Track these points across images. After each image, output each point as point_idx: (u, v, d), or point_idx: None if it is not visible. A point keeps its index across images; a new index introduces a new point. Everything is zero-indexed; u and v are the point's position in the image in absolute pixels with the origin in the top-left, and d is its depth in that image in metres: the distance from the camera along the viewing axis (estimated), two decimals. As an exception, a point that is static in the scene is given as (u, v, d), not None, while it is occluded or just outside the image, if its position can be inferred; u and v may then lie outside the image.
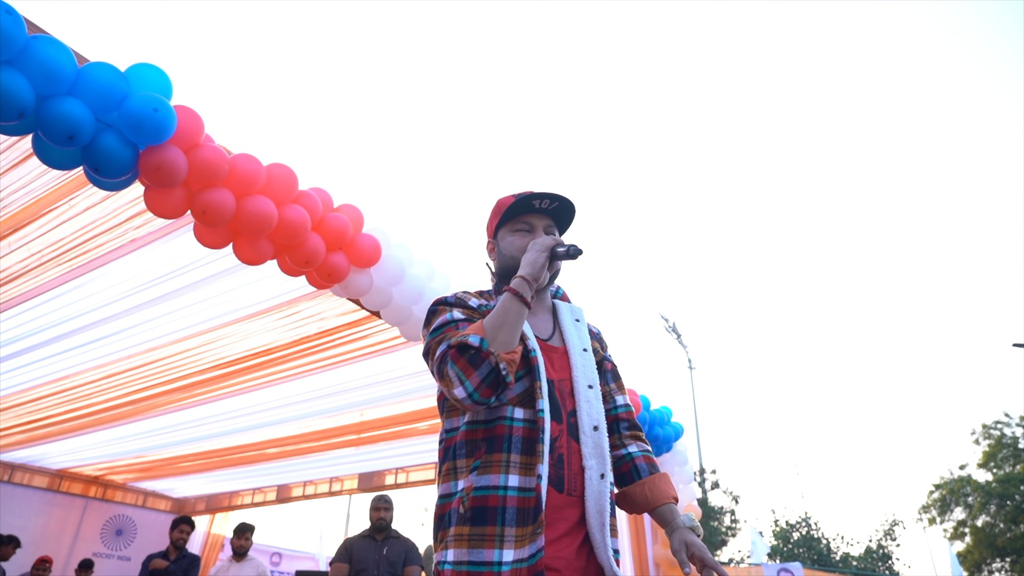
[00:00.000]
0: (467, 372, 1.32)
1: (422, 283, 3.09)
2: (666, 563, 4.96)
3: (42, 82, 1.78)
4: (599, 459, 1.40)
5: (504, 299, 1.40)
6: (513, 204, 1.60)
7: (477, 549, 1.26)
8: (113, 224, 3.03)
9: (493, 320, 1.37)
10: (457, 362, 1.33)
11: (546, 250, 1.48)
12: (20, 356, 4.39)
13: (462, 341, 1.34)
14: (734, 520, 23.25)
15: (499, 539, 1.26)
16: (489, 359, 1.32)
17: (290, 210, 2.45)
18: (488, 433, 1.38)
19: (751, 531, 15.73)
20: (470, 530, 1.28)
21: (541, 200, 1.60)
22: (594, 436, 1.42)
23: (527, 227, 1.62)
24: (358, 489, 7.09)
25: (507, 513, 1.28)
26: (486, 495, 1.30)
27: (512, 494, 1.30)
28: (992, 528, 22.20)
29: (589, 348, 1.58)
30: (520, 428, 1.37)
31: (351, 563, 4.28)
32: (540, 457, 1.32)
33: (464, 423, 1.42)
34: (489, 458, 1.34)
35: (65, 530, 7.10)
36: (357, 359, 4.31)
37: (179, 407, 5.23)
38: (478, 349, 1.32)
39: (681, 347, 24.69)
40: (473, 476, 1.34)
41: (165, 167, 2.05)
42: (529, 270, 1.44)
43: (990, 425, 23.92)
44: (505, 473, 1.32)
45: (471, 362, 1.32)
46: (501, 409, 1.38)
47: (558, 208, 1.63)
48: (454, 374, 1.33)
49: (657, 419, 5.01)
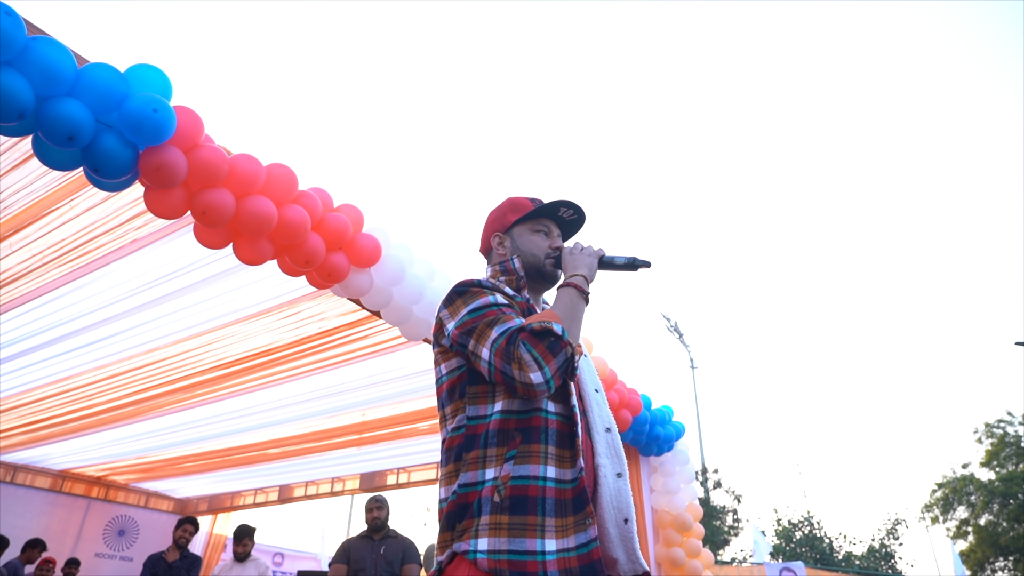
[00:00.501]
0: (546, 357, 1.32)
1: (422, 283, 3.09)
2: (668, 562, 4.96)
3: (42, 83, 1.79)
4: (614, 459, 1.43)
5: (572, 295, 1.47)
6: (543, 206, 1.69)
7: (519, 538, 1.24)
8: (114, 225, 3.04)
9: (565, 313, 1.43)
10: (536, 346, 1.32)
11: (596, 257, 1.57)
12: (22, 357, 4.39)
13: (544, 326, 1.35)
14: (736, 519, 23.22)
15: (540, 528, 1.25)
16: (567, 348, 1.35)
17: (290, 210, 2.45)
18: (523, 424, 1.36)
19: (753, 530, 15.73)
20: (510, 519, 1.26)
21: (567, 209, 1.70)
22: (607, 437, 1.46)
23: (546, 230, 1.69)
24: (360, 489, 7.09)
25: (547, 504, 1.28)
26: (526, 484, 1.29)
27: (551, 485, 1.30)
28: (995, 527, 22.14)
29: (588, 354, 1.63)
30: (555, 421, 1.38)
31: (349, 563, 4.30)
32: (579, 451, 1.36)
33: (497, 411, 1.38)
34: (527, 448, 1.33)
35: (68, 531, 7.11)
36: (358, 359, 4.31)
37: (181, 407, 5.24)
38: (559, 337, 1.34)
39: (683, 346, 24.71)
40: (509, 465, 1.31)
41: (165, 167, 2.06)
42: (588, 272, 1.52)
43: (993, 424, 23.86)
44: (544, 464, 1.32)
45: (550, 348, 1.33)
46: (537, 401, 1.38)
47: (574, 221, 1.74)
48: (531, 358, 1.31)
49: (658, 418, 5.01)
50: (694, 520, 5.13)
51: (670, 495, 5.16)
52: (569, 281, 1.50)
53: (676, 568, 4.94)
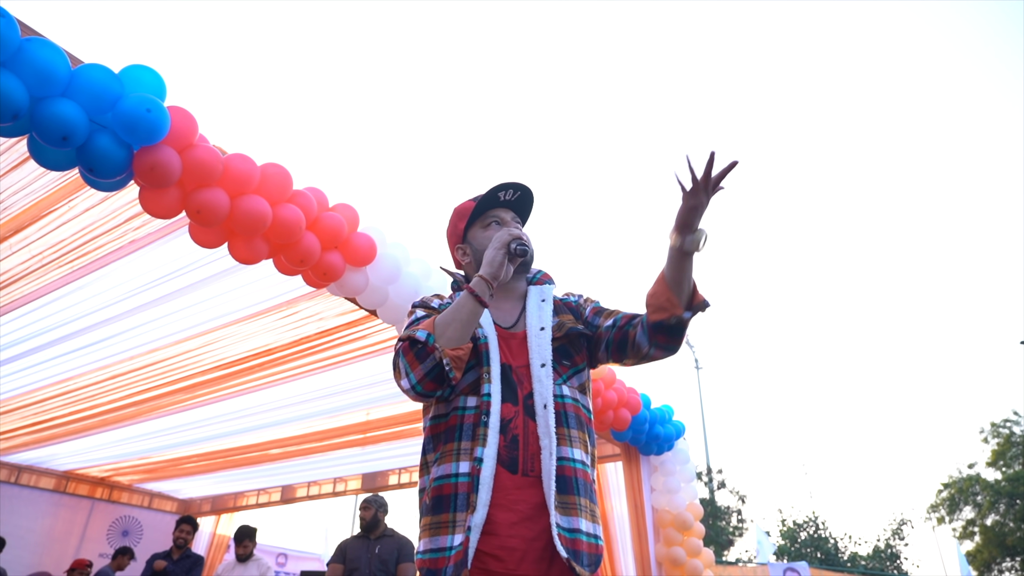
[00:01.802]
0: (413, 365, 1.37)
1: (418, 281, 3.10)
2: (668, 561, 4.95)
3: (36, 84, 1.80)
4: (549, 439, 1.38)
5: (461, 297, 1.42)
6: (481, 200, 1.64)
7: (435, 536, 1.33)
8: (112, 225, 3.06)
9: (445, 316, 1.41)
10: (406, 355, 1.38)
11: (504, 246, 1.47)
12: (24, 358, 4.42)
13: (410, 335, 1.39)
14: (740, 520, 23.17)
15: (451, 525, 1.32)
16: (434, 354, 1.36)
17: (285, 209, 2.47)
18: (446, 425, 1.43)
19: (757, 531, 15.69)
20: (431, 519, 1.36)
21: (506, 192, 1.64)
22: (544, 415, 1.40)
23: (496, 220, 1.66)
24: (362, 489, 7.11)
25: (459, 500, 1.33)
26: (442, 484, 1.36)
27: (463, 480, 1.34)
28: (1001, 527, 22.01)
29: (548, 326, 1.54)
30: (470, 415, 1.41)
31: (345, 563, 4.33)
32: (480, 440, 1.36)
33: (429, 420, 1.48)
34: (445, 448, 1.40)
35: (72, 531, 7.15)
36: (357, 359, 4.32)
37: (182, 408, 5.26)
38: (424, 343, 1.36)
39: (687, 347, 24.65)
40: (434, 468, 1.41)
41: (159, 167, 2.07)
42: (488, 269, 1.44)
43: (999, 423, 23.74)
44: (456, 461, 1.37)
45: (417, 356, 1.37)
46: (455, 400, 1.43)
47: (521, 198, 1.67)
48: (402, 366, 1.39)
49: (658, 417, 5.01)
50: (695, 519, 5.12)
51: (670, 494, 5.15)
52: (467, 284, 1.44)
53: (676, 567, 4.93)
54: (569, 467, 1.39)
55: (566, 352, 1.55)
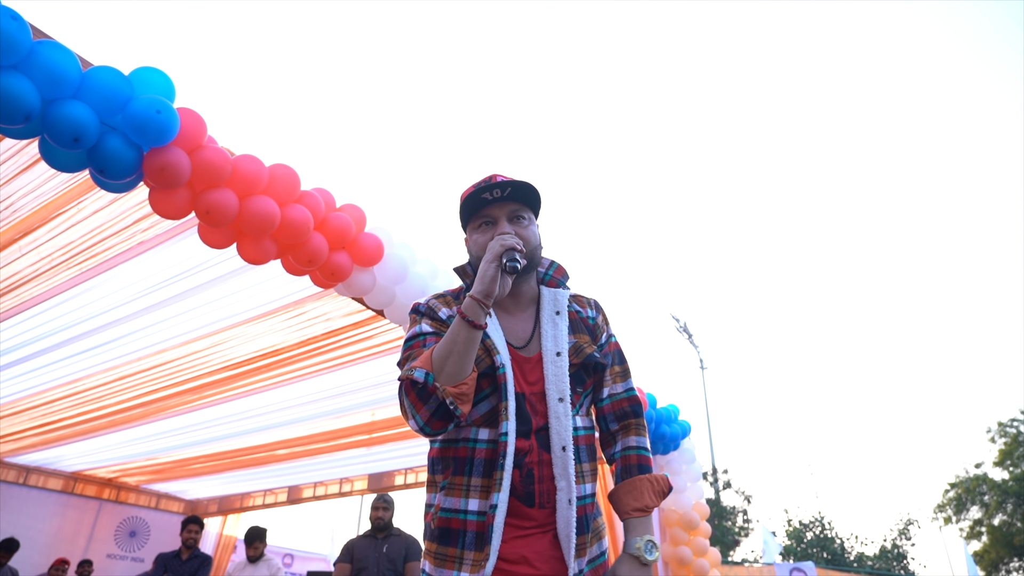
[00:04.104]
0: (417, 407, 1.30)
1: (425, 281, 3.11)
2: (674, 561, 4.95)
3: (47, 86, 1.82)
4: (567, 481, 1.35)
5: (453, 326, 1.30)
6: (464, 202, 1.48)
7: (440, 568, 1.32)
8: (121, 227, 3.07)
9: (441, 350, 1.30)
10: (409, 395, 1.31)
11: (496, 259, 1.33)
12: (33, 359, 4.45)
13: (408, 376, 1.31)
14: (746, 520, 23.13)
15: (459, 561, 1.31)
16: (435, 394, 1.28)
17: (293, 210, 2.48)
18: (455, 453, 1.39)
19: (763, 531, 15.67)
20: (436, 548, 1.35)
21: (491, 191, 1.45)
22: (562, 457, 1.36)
23: (489, 220, 1.49)
24: (368, 489, 7.12)
25: (467, 537, 1.31)
26: (449, 518, 1.34)
27: (472, 518, 1.32)
28: (1009, 527, 21.92)
29: (565, 351, 1.45)
30: (483, 450, 1.35)
31: (352, 563, 4.33)
32: (497, 485, 1.30)
33: (439, 439, 1.44)
34: (454, 480, 1.36)
35: (80, 532, 7.18)
36: (364, 359, 4.33)
37: (189, 409, 5.28)
38: (424, 384, 1.28)
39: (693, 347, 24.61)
40: (441, 495, 1.38)
41: (169, 168, 2.08)
42: (479, 287, 1.31)
43: (1006, 423, 23.63)
44: (466, 497, 1.34)
45: (420, 396, 1.29)
46: (465, 430, 1.38)
47: (520, 191, 1.47)
48: (407, 406, 1.32)
49: (664, 417, 5.00)
50: (701, 519, 5.12)
51: (677, 494, 5.15)
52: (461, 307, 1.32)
53: (683, 567, 4.93)
54: (580, 507, 1.38)
55: (580, 378, 1.48)
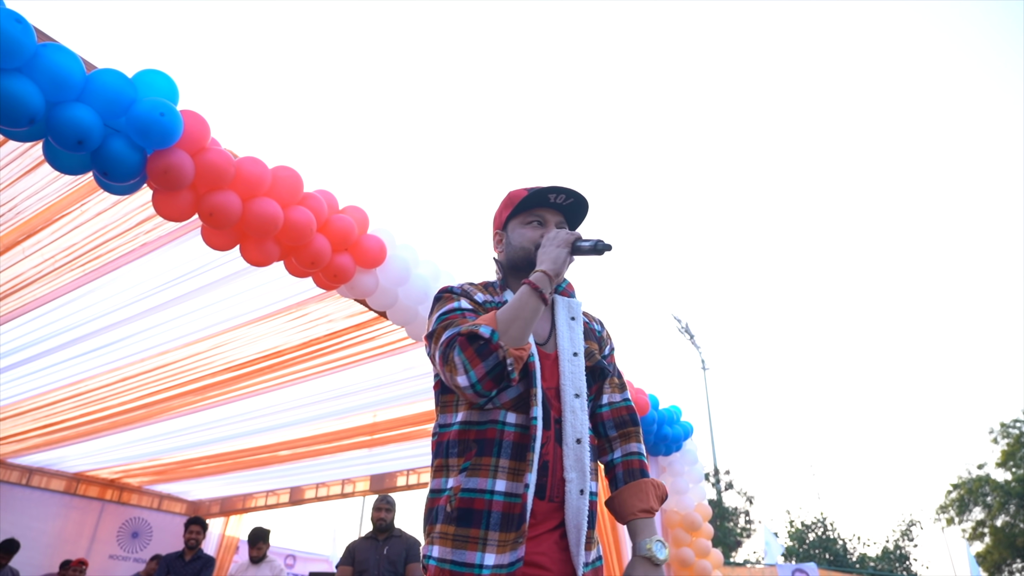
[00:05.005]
0: (473, 362, 1.30)
1: (427, 283, 3.11)
2: (677, 563, 4.94)
3: (51, 89, 1.82)
4: (579, 473, 1.38)
5: (522, 292, 1.37)
6: (528, 196, 1.58)
7: (460, 550, 1.28)
8: (124, 229, 3.08)
9: (508, 313, 1.35)
10: (465, 350, 1.31)
11: (567, 245, 1.44)
12: (36, 360, 4.45)
13: (473, 330, 1.32)
14: (748, 521, 23.11)
15: (482, 542, 1.27)
16: (497, 352, 1.29)
17: (296, 212, 2.48)
18: (480, 435, 1.37)
19: (765, 532, 15.64)
20: (455, 530, 1.30)
21: (556, 195, 1.57)
22: (576, 449, 1.39)
23: (539, 220, 1.59)
24: (370, 490, 7.12)
25: (492, 517, 1.29)
26: (473, 498, 1.31)
27: (499, 499, 1.30)
28: (1012, 528, 21.89)
29: (581, 352, 1.52)
30: (512, 433, 1.36)
31: (354, 565, 4.33)
32: (529, 465, 1.32)
33: (458, 421, 1.41)
34: (479, 461, 1.34)
35: (82, 533, 7.19)
36: (367, 360, 4.33)
37: (192, 410, 5.29)
38: (487, 340, 1.30)
39: (694, 348, 24.62)
40: (462, 477, 1.34)
41: (172, 170, 2.09)
42: (551, 265, 1.41)
43: (1008, 424, 23.60)
44: (493, 478, 1.32)
45: (478, 352, 1.30)
46: (494, 412, 1.37)
47: (572, 204, 1.60)
48: (459, 361, 1.31)
49: (666, 418, 5.00)
50: (703, 520, 5.11)
51: (679, 495, 5.15)
52: (527, 278, 1.41)
53: (685, 568, 4.92)
54: (592, 502, 1.40)
55: (588, 382, 1.54)
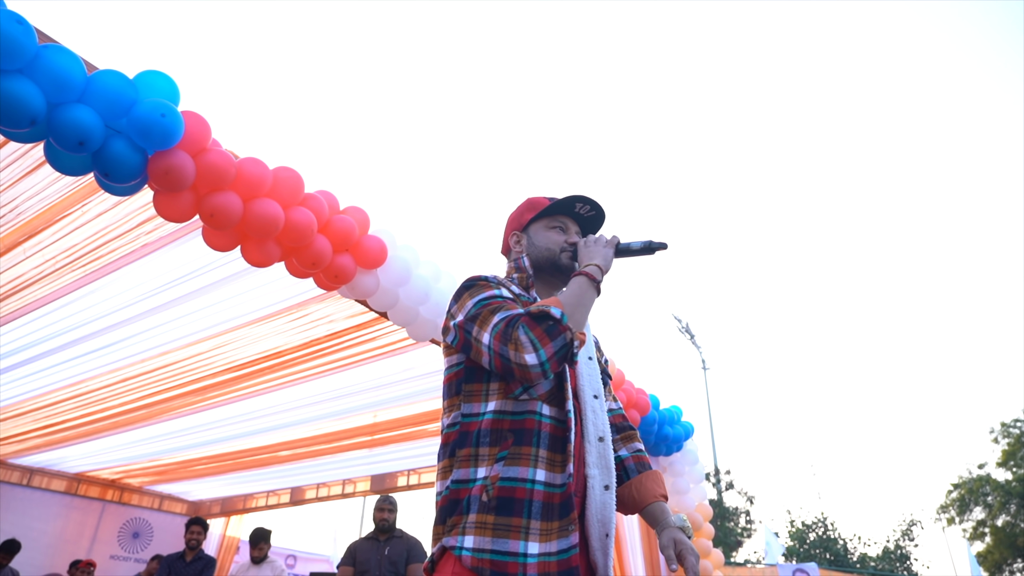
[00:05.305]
0: (542, 340, 1.32)
1: (428, 284, 3.11)
2: (678, 563, 4.94)
3: (53, 90, 1.82)
4: (603, 470, 1.40)
5: (581, 283, 1.45)
6: (556, 203, 1.67)
7: (502, 539, 1.26)
8: (125, 229, 3.08)
9: (571, 299, 1.41)
10: (533, 329, 1.34)
11: (612, 247, 1.53)
12: (37, 361, 4.45)
13: (543, 310, 1.35)
14: (749, 521, 23.10)
15: (524, 531, 1.26)
16: (566, 333, 1.34)
17: (297, 212, 2.48)
18: (516, 425, 1.37)
19: (766, 532, 15.65)
20: (495, 519, 1.28)
21: (583, 205, 1.68)
22: (599, 447, 1.43)
23: (562, 226, 1.69)
24: (371, 491, 7.12)
25: (533, 507, 1.29)
26: (514, 487, 1.30)
27: (539, 488, 1.30)
28: (1013, 528, 21.88)
29: (595, 356, 1.58)
30: (548, 425, 1.38)
31: (355, 565, 4.33)
32: (570, 456, 1.34)
33: (491, 411, 1.40)
34: (517, 450, 1.34)
35: (83, 533, 7.19)
36: (367, 361, 4.34)
37: (193, 410, 5.29)
38: (557, 320, 1.34)
39: (695, 347, 24.62)
40: (499, 466, 1.32)
41: (173, 171, 2.09)
42: (603, 262, 1.50)
43: (1009, 423, 23.59)
44: (534, 467, 1.32)
45: (548, 331, 1.33)
46: (531, 404, 1.39)
47: (592, 216, 1.71)
48: (528, 339, 1.32)
49: (667, 418, 5.00)
50: (704, 520, 5.11)
51: (680, 495, 5.15)
52: (582, 270, 1.49)
53: (686, 568, 4.92)
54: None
55: None
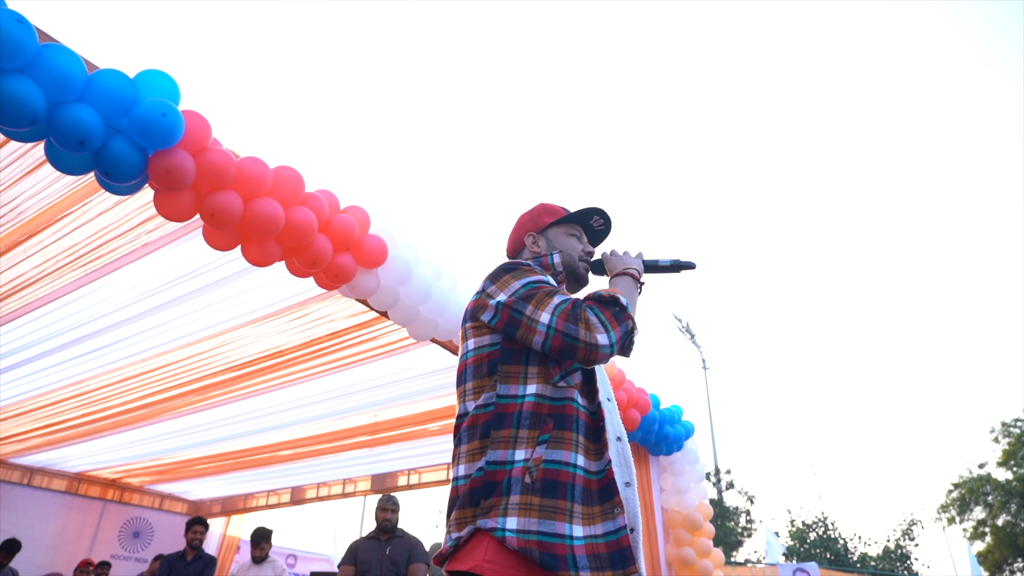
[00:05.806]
0: (612, 323, 1.39)
1: (428, 283, 3.11)
2: (678, 562, 4.95)
3: (53, 89, 1.83)
4: (623, 467, 1.43)
5: (629, 282, 1.59)
6: (577, 212, 1.77)
7: (549, 520, 1.25)
8: (126, 229, 3.08)
9: (627, 294, 1.52)
10: (603, 311, 1.40)
11: (639, 259, 1.67)
12: (38, 360, 4.45)
13: (612, 295, 1.43)
14: (749, 520, 23.09)
15: (569, 514, 1.27)
16: (629, 320, 1.42)
17: (297, 212, 2.48)
18: (556, 410, 1.38)
19: (766, 531, 15.65)
20: (541, 501, 1.27)
21: (598, 219, 1.81)
22: (618, 446, 1.46)
23: (579, 235, 1.80)
24: (371, 490, 7.12)
25: (576, 491, 1.30)
26: (558, 469, 1.31)
27: (580, 473, 1.32)
28: (1013, 527, 21.88)
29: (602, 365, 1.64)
30: (584, 414, 1.41)
31: (356, 565, 4.32)
32: (605, 445, 1.38)
33: (531, 394, 1.39)
34: (560, 434, 1.35)
35: (84, 532, 7.20)
36: (368, 360, 4.34)
37: (193, 410, 5.29)
38: (624, 307, 1.42)
39: (695, 347, 24.60)
40: (541, 449, 1.32)
41: (174, 171, 2.09)
42: (641, 269, 1.65)
43: (1009, 423, 23.59)
44: (575, 452, 1.34)
45: (616, 316, 1.40)
46: (569, 391, 1.42)
47: (600, 231, 1.84)
48: (598, 320, 1.38)
49: (667, 418, 5.01)
50: (704, 520, 5.11)
51: (680, 495, 5.15)
52: (626, 271, 1.61)
53: (686, 568, 4.93)
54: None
55: None
